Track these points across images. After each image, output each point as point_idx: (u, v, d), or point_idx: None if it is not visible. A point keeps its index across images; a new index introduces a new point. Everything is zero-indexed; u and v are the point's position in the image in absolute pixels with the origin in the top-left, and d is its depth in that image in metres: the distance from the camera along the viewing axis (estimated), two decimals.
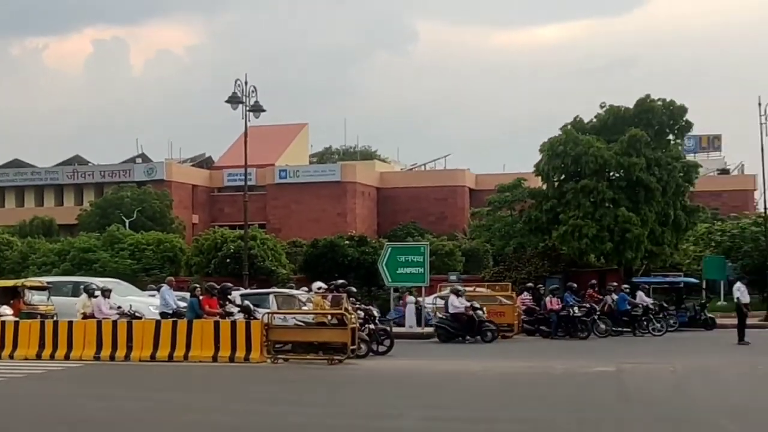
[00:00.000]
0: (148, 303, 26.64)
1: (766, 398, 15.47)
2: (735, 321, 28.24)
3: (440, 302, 30.81)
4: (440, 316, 29.30)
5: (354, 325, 21.15)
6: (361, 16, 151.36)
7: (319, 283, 25.23)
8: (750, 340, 26.96)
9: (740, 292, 28.83)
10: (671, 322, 32.78)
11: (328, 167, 70.41)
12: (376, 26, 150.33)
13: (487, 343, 27.60)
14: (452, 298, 28.77)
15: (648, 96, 39.63)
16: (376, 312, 25.50)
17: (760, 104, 36.34)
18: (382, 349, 23.35)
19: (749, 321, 29.48)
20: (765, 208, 41.67)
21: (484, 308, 29.39)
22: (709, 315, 33.89)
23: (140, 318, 23.57)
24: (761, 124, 36.24)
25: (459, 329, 28.11)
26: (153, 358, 21.16)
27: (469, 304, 28.42)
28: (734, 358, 22.90)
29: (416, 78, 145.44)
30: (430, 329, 30.16)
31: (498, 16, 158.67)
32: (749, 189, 65.40)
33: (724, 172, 73.96)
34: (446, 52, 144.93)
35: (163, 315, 23.05)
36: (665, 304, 33.65)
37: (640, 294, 33.45)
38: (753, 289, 34.27)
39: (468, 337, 27.90)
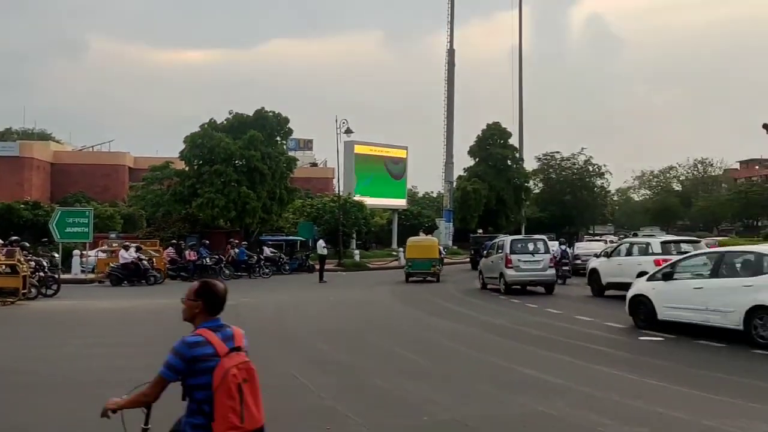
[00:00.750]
0: None
1: (335, 320, 16.36)
2: (319, 267, 29.72)
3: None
4: (112, 265, 27.28)
5: (25, 273, 19.19)
6: (43, 25, 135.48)
7: None
8: (327, 280, 28.54)
9: (322, 246, 30.48)
10: (286, 267, 33.80)
11: (8, 144, 61.79)
12: (55, 35, 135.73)
13: (150, 285, 26.50)
14: (122, 251, 27.24)
15: (263, 108, 40.24)
16: (45, 262, 23.11)
17: (336, 119, 38.60)
18: (50, 292, 21.31)
19: (327, 267, 31.21)
20: (338, 191, 44.34)
21: (154, 260, 28.33)
22: (311, 263, 35.04)
23: None
24: (337, 134, 38.53)
25: (127, 275, 26.61)
26: None
27: (137, 255, 27.02)
28: (316, 293, 23.99)
29: (88, 78, 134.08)
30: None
31: (156, 37, 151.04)
32: (329, 177, 68.69)
33: (314, 165, 76.98)
34: (115, 61, 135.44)
35: None
36: (282, 255, 34.59)
37: (265, 248, 34.13)
38: (330, 245, 36.23)
39: (125, 282, 26.41)
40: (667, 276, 13.37)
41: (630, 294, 14.24)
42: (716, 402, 7.67)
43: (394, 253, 44.07)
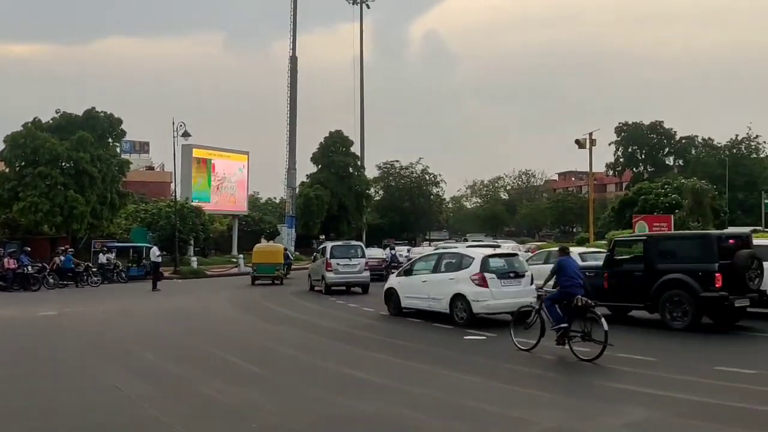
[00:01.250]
0: None
1: (165, 329, 15.66)
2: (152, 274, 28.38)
3: None
4: None
5: None
6: None
7: None
8: (161, 288, 27.25)
9: (156, 255, 29.13)
10: (122, 275, 32.44)
11: None
12: None
13: None
14: None
15: (93, 108, 38.59)
16: None
17: (174, 122, 36.42)
18: None
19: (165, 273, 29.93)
20: (175, 196, 42.81)
21: None
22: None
23: None
24: (174, 137, 36.33)
25: None
26: None
27: None
28: (148, 302, 22.95)
29: None
30: None
31: None
32: (167, 181, 65.95)
33: (150, 168, 73.49)
34: None
35: None
36: (118, 263, 33.12)
37: (100, 255, 32.42)
38: (165, 252, 34.86)
39: None
40: (408, 272, 16.63)
41: (385, 287, 17.33)
42: (524, 394, 8.30)
43: (234, 259, 43.21)
